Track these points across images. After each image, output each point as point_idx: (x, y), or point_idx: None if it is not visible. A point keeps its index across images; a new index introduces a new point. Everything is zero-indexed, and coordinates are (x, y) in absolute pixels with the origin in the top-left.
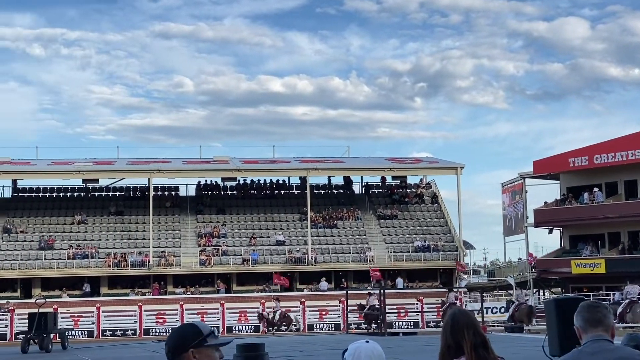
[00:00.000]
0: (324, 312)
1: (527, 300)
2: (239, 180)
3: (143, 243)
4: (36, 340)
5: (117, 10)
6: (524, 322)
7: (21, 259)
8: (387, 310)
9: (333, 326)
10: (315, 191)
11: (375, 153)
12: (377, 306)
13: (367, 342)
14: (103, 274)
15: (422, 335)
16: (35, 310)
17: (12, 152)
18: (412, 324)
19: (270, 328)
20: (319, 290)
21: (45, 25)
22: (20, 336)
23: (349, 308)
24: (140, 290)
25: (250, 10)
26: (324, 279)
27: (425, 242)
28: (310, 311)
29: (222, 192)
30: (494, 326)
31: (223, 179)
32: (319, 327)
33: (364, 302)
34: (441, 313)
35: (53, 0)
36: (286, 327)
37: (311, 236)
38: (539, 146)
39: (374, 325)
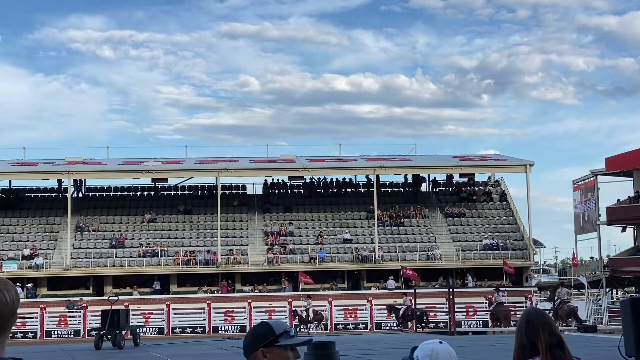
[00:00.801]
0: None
1: (569, 299)
2: (305, 179)
3: (211, 241)
4: (109, 336)
5: (184, 12)
6: (562, 321)
7: (93, 257)
8: (455, 310)
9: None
10: (382, 189)
11: (442, 151)
12: (413, 307)
13: (440, 342)
14: (172, 272)
15: (492, 335)
16: (108, 308)
17: (84, 152)
18: (480, 323)
19: (303, 326)
20: (386, 289)
21: (114, 28)
22: (94, 333)
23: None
24: (209, 288)
25: (315, 9)
26: (391, 277)
27: (493, 240)
28: (377, 310)
29: (289, 191)
30: (569, 325)
31: (290, 178)
32: (386, 326)
33: (399, 301)
34: (490, 314)
35: (122, 3)
36: (317, 325)
37: (378, 234)
38: (611, 143)
39: (409, 325)
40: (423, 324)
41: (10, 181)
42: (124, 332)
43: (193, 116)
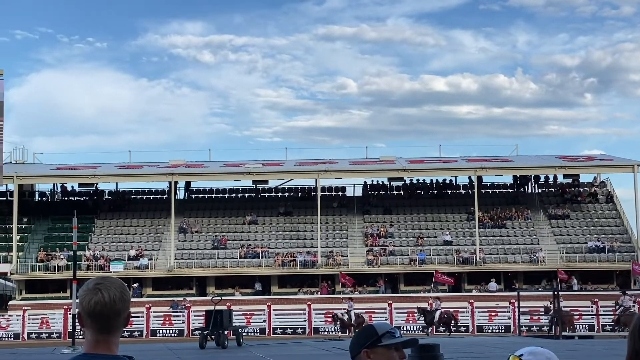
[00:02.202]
0: (493, 314)
1: (632, 307)
2: (405, 180)
3: (311, 243)
4: (213, 336)
5: (281, 15)
6: (628, 326)
7: (196, 258)
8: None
9: (503, 328)
10: (483, 190)
11: (543, 151)
12: (445, 310)
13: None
14: (273, 273)
15: (599, 339)
16: (211, 308)
17: (186, 154)
18: (587, 327)
19: (345, 330)
20: (487, 291)
21: (214, 32)
22: (197, 332)
23: (521, 310)
24: (309, 289)
25: (413, 10)
26: (493, 279)
27: (599, 242)
28: (479, 312)
29: (389, 192)
30: None
31: (389, 179)
32: (488, 329)
33: (428, 304)
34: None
35: (221, 8)
36: (450, 329)
37: (479, 236)
38: None
39: (442, 329)
40: (452, 329)
41: (116, 184)
42: (227, 332)
43: (291, 119)
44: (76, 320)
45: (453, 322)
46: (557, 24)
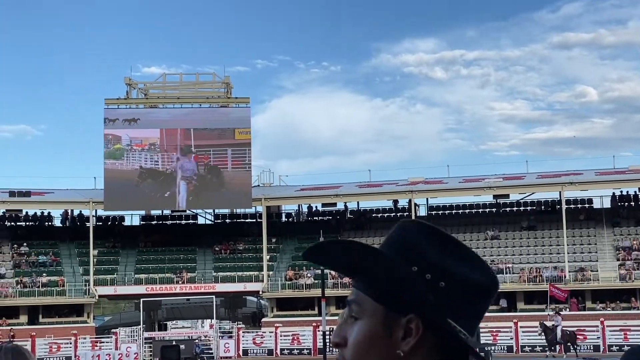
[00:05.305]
0: None
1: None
2: None
3: (557, 257)
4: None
5: (513, 26)
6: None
7: None
8: None
9: None
10: None
11: None
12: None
13: None
14: (518, 289)
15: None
16: None
17: (423, 171)
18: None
19: (551, 347)
20: None
21: (445, 49)
22: None
23: None
24: (556, 305)
25: None
26: None
27: None
28: None
29: None
30: None
31: None
32: None
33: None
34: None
35: (453, 24)
36: (572, 347)
37: None
38: None
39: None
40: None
41: (358, 202)
42: None
43: (529, 131)
44: (326, 337)
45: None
46: None
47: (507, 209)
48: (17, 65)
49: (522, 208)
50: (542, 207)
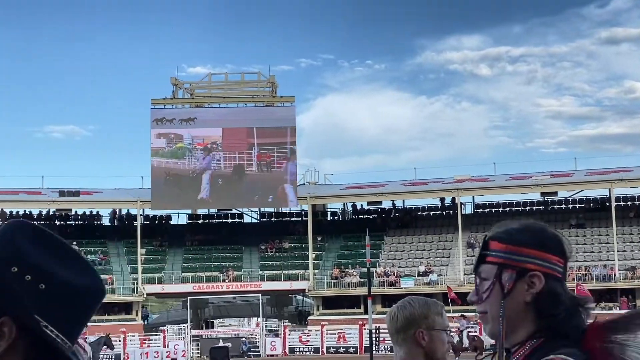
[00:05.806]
0: None
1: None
2: None
3: (607, 255)
4: None
5: (561, 22)
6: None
7: None
8: None
9: None
10: None
11: None
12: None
13: None
14: (570, 288)
15: None
16: None
17: (469, 169)
18: None
19: (457, 354)
20: None
21: (490, 45)
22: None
23: None
24: (606, 304)
25: None
26: None
27: None
28: None
29: None
30: None
31: None
32: None
33: None
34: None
35: (499, 20)
36: (477, 355)
37: None
38: None
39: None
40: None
41: (403, 201)
42: None
43: (577, 127)
44: (373, 336)
45: None
46: None
47: (555, 206)
48: (65, 67)
49: (570, 206)
50: (591, 204)
